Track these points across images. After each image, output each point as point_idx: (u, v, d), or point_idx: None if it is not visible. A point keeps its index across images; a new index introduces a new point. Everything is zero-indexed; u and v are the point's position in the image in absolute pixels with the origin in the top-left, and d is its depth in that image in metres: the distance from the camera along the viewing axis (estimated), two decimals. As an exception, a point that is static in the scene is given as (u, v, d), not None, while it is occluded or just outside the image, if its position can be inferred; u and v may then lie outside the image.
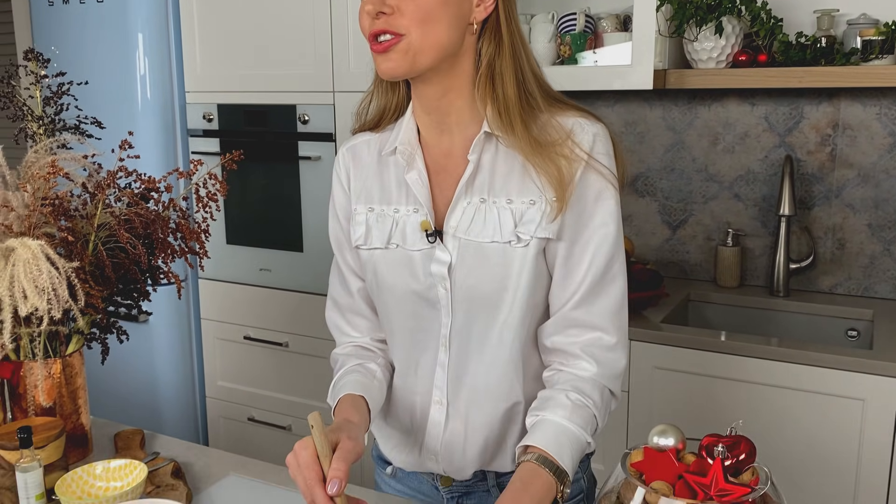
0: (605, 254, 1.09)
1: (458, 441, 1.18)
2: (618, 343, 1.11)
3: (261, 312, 2.76)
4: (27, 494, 1.23)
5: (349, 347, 1.27)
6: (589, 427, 1.06)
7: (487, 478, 1.23)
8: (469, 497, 1.25)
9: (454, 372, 1.16)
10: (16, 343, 1.38)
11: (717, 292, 2.43)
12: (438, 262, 1.11)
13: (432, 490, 1.29)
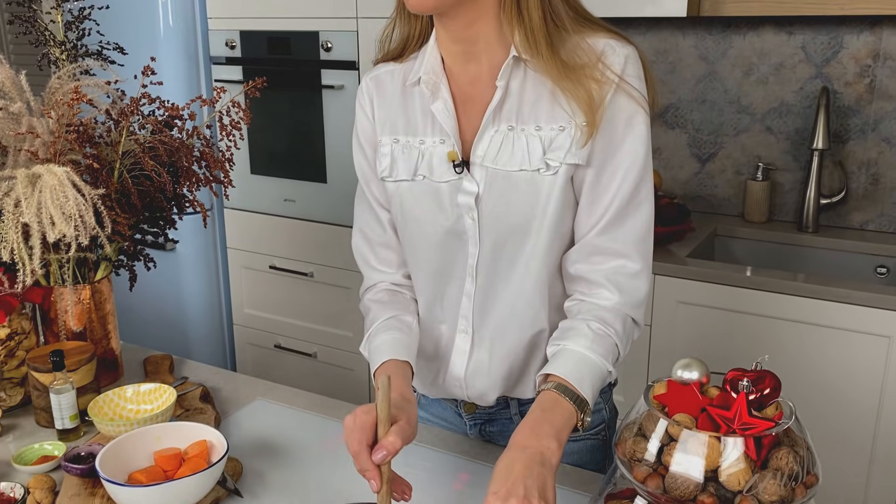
0: (633, 179, 1.06)
1: (483, 368, 1.18)
2: (641, 270, 1.09)
3: (286, 243, 2.78)
4: (61, 415, 1.27)
5: (382, 293, 1.24)
6: (610, 356, 1.05)
7: (510, 405, 1.24)
8: (492, 424, 1.27)
9: (480, 301, 1.16)
10: (45, 269, 1.40)
11: (745, 227, 2.40)
12: (465, 192, 1.10)
13: (455, 417, 1.31)
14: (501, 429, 1.27)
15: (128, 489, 1.03)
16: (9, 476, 1.18)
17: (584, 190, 1.08)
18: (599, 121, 1.03)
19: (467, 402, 1.26)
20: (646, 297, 1.11)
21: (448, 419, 1.32)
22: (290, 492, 1.15)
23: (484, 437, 1.29)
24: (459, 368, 1.20)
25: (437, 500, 1.12)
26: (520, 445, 0.91)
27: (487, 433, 1.29)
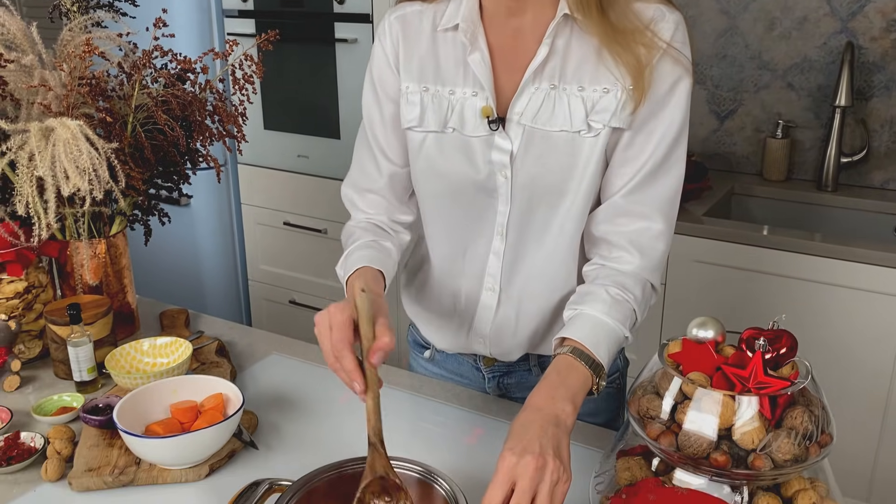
0: (668, 144, 1.05)
1: (509, 326, 1.18)
2: (664, 233, 1.08)
3: (299, 199, 2.77)
4: (79, 367, 1.28)
5: (365, 223, 1.22)
6: (628, 322, 1.05)
7: (529, 358, 1.24)
8: (510, 376, 1.27)
9: (510, 260, 1.14)
10: (61, 223, 1.40)
11: (763, 186, 2.37)
12: (500, 149, 1.07)
13: (472, 371, 1.30)
14: (519, 380, 1.27)
15: (145, 440, 1.04)
16: (29, 426, 1.20)
17: (616, 150, 1.06)
18: (647, 87, 1.01)
19: (487, 357, 1.26)
20: (664, 259, 1.11)
21: (465, 374, 1.32)
22: (305, 444, 1.16)
23: (501, 389, 1.30)
24: (485, 325, 1.20)
25: (451, 454, 1.13)
26: (535, 406, 0.92)
27: (505, 385, 1.29)
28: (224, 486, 1.06)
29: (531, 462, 0.83)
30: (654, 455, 0.92)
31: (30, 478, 1.08)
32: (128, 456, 1.09)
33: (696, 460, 0.84)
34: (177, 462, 1.06)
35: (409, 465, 0.93)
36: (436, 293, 1.24)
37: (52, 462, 1.07)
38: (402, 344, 1.44)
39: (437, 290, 1.24)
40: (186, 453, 1.05)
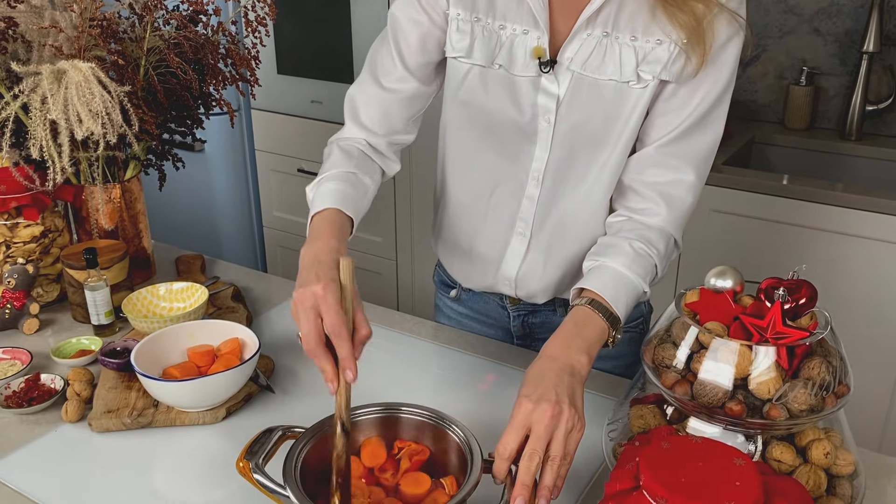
0: (712, 100, 1.03)
1: (537, 272, 1.18)
2: (694, 187, 1.07)
3: (314, 146, 2.75)
4: (97, 311, 1.29)
5: (352, 147, 1.14)
6: (648, 277, 1.04)
7: (556, 300, 1.23)
8: (534, 315, 1.27)
9: (543, 206, 1.13)
10: (75, 167, 1.40)
11: (784, 134, 2.32)
12: (546, 93, 1.04)
13: (498, 310, 1.29)
14: (544, 321, 1.27)
15: (163, 383, 1.05)
16: (49, 368, 1.22)
17: (658, 101, 1.04)
18: (702, 43, 0.98)
19: (513, 297, 1.25)
20: (690, 213, 1.09)
21: (490, 314, 1.32)
22: (321, 389, 1.17)
23: (526, 328, 1.30)
24: (512, 269, 1.19)
25: (463, 400, 1.14)
26: (551, 356, 0.91)
27: (529, 325, 1.29)
28: (241, 429, 1.08)
29: (547, 409, 0.83)
30: (667, 403, 0.92)
31: (50, 419, 1.10)
32: (146, 398, 1.11)
33: (710, 409, 0.84)
34: (194, 405, 1.08)
35: (423, 412, 0.93)
36: (461, 233, 1.22)
37: (72, 403, 1.09)
38: (429, 283, 1.44)
39: (462, 230, 1.22)
40: (203, 396, 1.07)
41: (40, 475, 0.99)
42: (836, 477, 0.86)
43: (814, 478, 0.83)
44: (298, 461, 0.85)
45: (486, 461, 0.85)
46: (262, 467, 0.85)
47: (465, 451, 0.88)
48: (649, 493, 0.70)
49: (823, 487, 0.84)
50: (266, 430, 0.90)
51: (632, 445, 0.83)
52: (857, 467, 0.88)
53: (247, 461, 0.85)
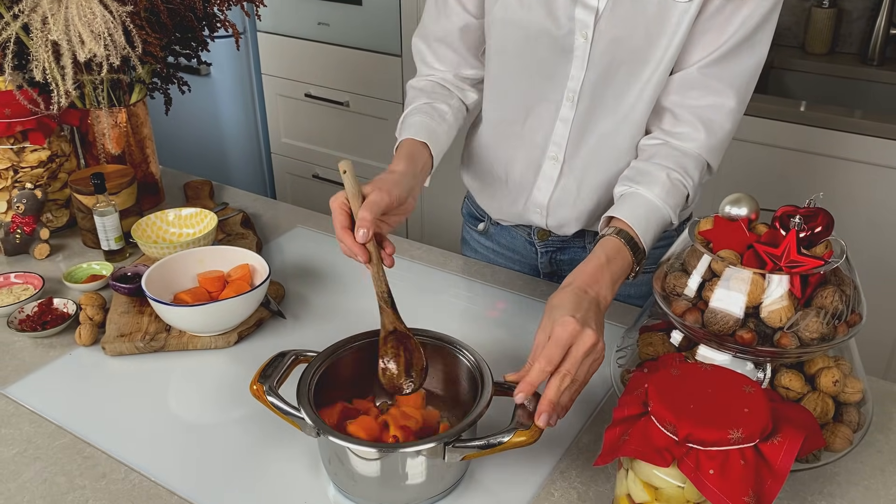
0: (758, 19, 0.97)
1: (569, 198, 1.15)
2: (735, 112, 1.02)
3: (321, 70, 2.70)
4: (106, 236, 1.30)
5: (424, 81, 1.18)
6: (679, 207, 1.02)
7: (585, 235, 1.21)
8: (563, 252, 1.25)
9: (578, 128, 1.09)
10: (80, 91, 1.38)
11: (804, 59, 2.26)
12: (585, 6, 0.99)
13: (525, 245, 1.28)
14: (572, 257, 1.24)
15: (174, 308, 1.06)
16: (61, 293, 1.23)
17: (701, 18, 0.98)
18: None
19: (542, 230, 1.23)
20: (728, 141, 1.05)
21: (517, 249, 1.30)
22: (331, 315, 1.18)
23: (553, 265, 1.28)
24: (544, 195, 1.16)
25: (472, 327, 1.15)
26: (582, 288, 0.89)
27: (557, 262, 1.27)
28: (253, 353, 1.09)
29: (591, 336, 0.82)
30: (677, 331, 0.92)
31: (64, 342, 1.12)
32: (158, 323, 1.12)
33: (720, 337, 0.83)
34: (205, 329, 1.09)
35: (434, 338, 0.94)
36: (493, 159, 1.20)
37: (85, 327, 1.10)
38: (456, 216, 1.42)
39: (494, 156, 1.19)
40: (214, 321, 1.07)
41: (57, 397, 1.01)
42: (843, 404, 0.87)
43: (821, 405, 0.84)
44: (312, 383, 0.86)
45: (497, 384, 0.86)
46: (276, 390, 0.86)
47: (475, 375, 0.88)
48: (657, 419, 0.71)
49: (831, 414, 0.84)
50: (279, 354, 0.91)
51: (640, 372, 0.83)
52: (865, 395, 0.88)
53: (260, 384, 0.86)
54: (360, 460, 0.81)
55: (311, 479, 0.88)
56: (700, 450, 0.68)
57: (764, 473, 0.68)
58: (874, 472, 0.88)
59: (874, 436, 0.93)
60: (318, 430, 0.81)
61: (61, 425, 0.96)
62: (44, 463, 0.91)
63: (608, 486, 0.87)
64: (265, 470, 0.89)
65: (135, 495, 0.86)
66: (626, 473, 0.74)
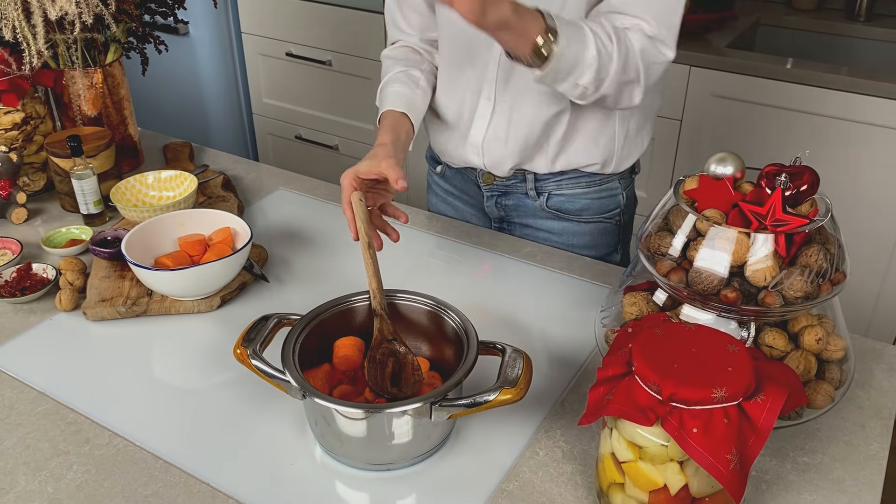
0: None
1: (500, 136, 1.19)
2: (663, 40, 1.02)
3: (302, 28, 2.65)
4: (85, 200, 1.27)
5: (398, 49, 1.26)
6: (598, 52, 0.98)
7: (526, 180, 1.24)
8: (507, 197, 1.28)
9: (505, 69, 1.13)
10: (53, 50, 1.34)
11: (791, 16, 2.24)
12: None
13: (474, 189, 1.31)
14: (517, 203, 1.28)
15: (155, 272, 1.05)
16: (40, 258, 1.21)
17: None
18: None
19: (486, 173, 1.26)
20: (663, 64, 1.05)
21: (469, 192, 1.34)
22: (315, 277, 1.17)
23: (500, 209, 1.30)
24: (479, 134, 1.20)
25: (457, 287, 1.15)
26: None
27: (503, 206, 1.30)
28: (236, 317, 1.08)
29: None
30: (662, 291, 0.92)
31: (45, 307, 1.10)
32: (139, 287, 1.11)
33: (705, 297, 0.83)
34: (187, 294, 1.08)
35: (421, 299, 0.93)
36: (442, 104, 1.24)
37: (66, 292, 1.09)
38: (421, 161, 1.44)
39: (443, 101, 1.23)
40: (196, 285, 1.06)
41: (39, 363, 1.00)
42: (826, 362, 0.87)
43: (804, 363, 0.84)
44: (296, 346, 0.86)
45: (482, 343, 0.86)
46: (260, 353, 0.85)
47: (461, 335, 0.88)
48: (641, 378, 0.71)
49: (813, 372, 0.85)
50: (262, 318, 0.90)
51: (624, 332, 0.83)
52: (848, 352, 0.89)
53: (244, 348, 0.86)
54: (346, 421, 0.81)
55: (297, 441, 0.88)
56: (684, 409, 0.68)
57: (747, 431, 0.68)
58: (855, 427, 0.89)
59: (855, 392, 0.94)
60: (303, 393, 0.80)
61: (43, 391, 0.95)
62: (26, 429, 0.90)
63: (592, 444, 0.87)
64: (251, 433, 0.89)
65: (119, 460, 0.86)
66: (610, 432, 0.75)
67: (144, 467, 0.85)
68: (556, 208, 1.25)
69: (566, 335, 1.05)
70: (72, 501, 0.81)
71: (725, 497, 0.72)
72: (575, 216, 1.26)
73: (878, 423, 0.90)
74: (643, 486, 0.73)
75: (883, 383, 0.96)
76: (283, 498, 0.81)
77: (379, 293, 0.92)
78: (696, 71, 1.97)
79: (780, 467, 0.84)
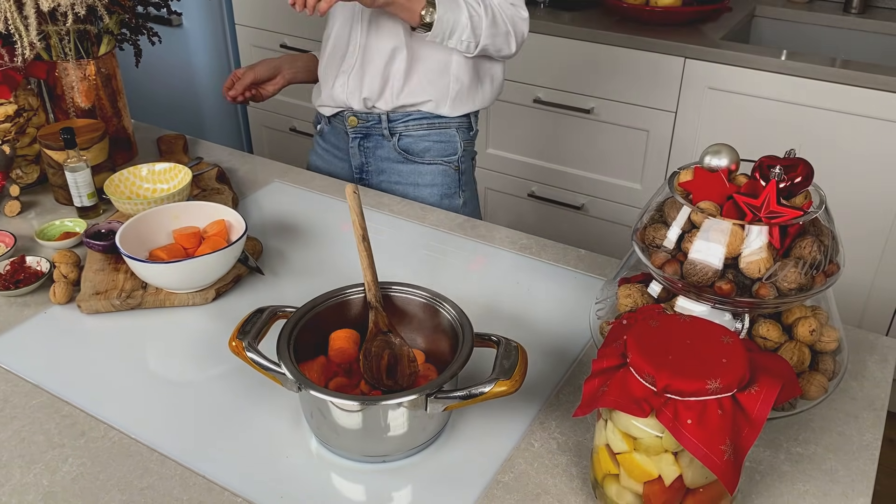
0: None
1: (357, 74, 1.39)
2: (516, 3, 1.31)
3: (295, 21, 2.64)
4: (79, 193, 1.27)
5: None
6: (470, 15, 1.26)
7: (381, 121, 1.43)
8: (368, 140, 1.46)
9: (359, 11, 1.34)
10: (46, 42, 1.33)
11: (786, 8, 2.24)
12: None
13: (343, 138, 1.49)
14: (375, 145, 1.46)
15: (150, 265, 1.04)
16: (34, 251, 1.20)
17: None
18: None
19: (350, 115, 1.44)
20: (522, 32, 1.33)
21: (340, 146, 1.51)
22: (309, 270, 1.17)
23: (361, 153, 1.47)
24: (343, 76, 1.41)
25: (451, 279, 1.15)
26: None
27: (365, 149, 1.47)
28: (231, 309, 1.08)
29: None
30: (657, 283, 0.92)
31: (39, 300, 1.10)
32: (134, 280, 1.10)
33: (699, 288, 0.84)
34: (182, 286, 1.07)
35: (416, 291, 0.93)
36: (324, 60, 1.45)
37: (60, 285, 1.09)
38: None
39: (326, 56, 1.44)
40: (191, 278, 1.06)
41: (33, 356, 1.00)
42: (819, 353, 0.88)
43: (798, 354, 0.84)
44: (292, 339, 0.86)
45: (478, 336, 0.86)
46: (255, 346, 0.85)
47: (456, 327, 0.88)
48: (636, 370, 0.71)
49: (807, 363, 0.86)
50: (257, 310, 0.90)
51: (619, 323, 0.84)
52: (841, 343, 0.89)
53: (239, 340, 0.85)
54: (341, 413, 0.81)
55: (293, 434, 0.88)
56: (678, 400, 0.68)
57: (741, 422, 0.69)
58: (848, 418, 0.90)
59: (848, 383, 0.95)
60: (299, 385, 0.80)
61: (38, 384, 0.95)
62: (21, 422, 0.90)
63: (587, 436, 0.88)
64: (246, 425, 0.89)
65: (115, 453, 0.86)
66: (605, 424, 0.75)
67: (140, 460, 0.85)
68: (405, 149, 1.44)
69: (561, 327, 1.05)
70: (67, 494, 0.81)
71: (719, 488, 0.73)
72: (419, 157, 1.45)
73: (870, 414, 0.90)
74: (638, 478, 0.73)
75: (876, 374, 0.96)
76: (278, 490, 0.82)
77: (374, 285, 0.92)
78: (690, 63, 1.97)
79: (774, 458, 0.85)
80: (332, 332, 0.92)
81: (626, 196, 2.20)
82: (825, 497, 0.81)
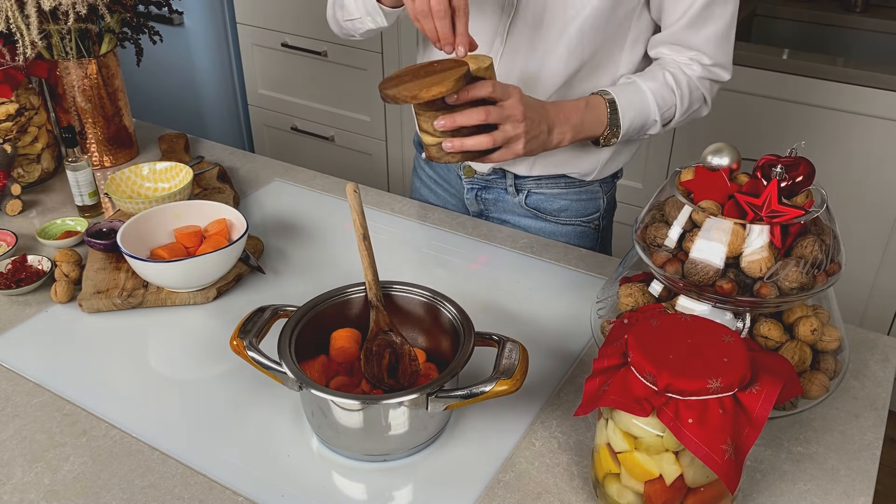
0: None
1: None
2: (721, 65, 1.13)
3: (297, 18, 2.64)
4: (80, 192, 1.27)
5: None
6: (662, 110, 1.10)
7: (506, 177, 1.25)
8: (488, 191, 1.29)
9: (504, 65, 1.13)
10: (47, 41, 1.33)
11: (787, 6, 2.24)
12: None
13: (456, 179, 1.32)
14: (496, 198, 1.29)
15: (151, 264, 1.04)
16: (35, 250, 1.21)
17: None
18: None
19: (466, 166, 1.28)
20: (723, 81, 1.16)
21: (451, 182, 1.35)
22: (311, 269, 1.17)
23: (479, 203, 1.32)
24: None
25: (452, 278, 1.15)
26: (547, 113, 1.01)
27: (483, 200, 1.31)
28: (233, 309, 1.08)
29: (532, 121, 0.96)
30: (658, 282, 0.92)
31: (40, 299, 1.10)
32: (135, 279, 1.11)
33: (701, 287, 0.84)
34: (183, 285, 1.07)
35: (417, 290, 0.93)
36: None
37: (61, 284, 1.09)
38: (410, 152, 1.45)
39: None
40: (192, 277, 1.06)
41: (35, 355, 1.00)
42: (821, 352, 0.88)
43: (799, 353, 0.84)
44: (293, 338, 0.86)
45: (478, 335, 0.86)
46: (257, 345, 0.85)
47: (457, 326, 0.88)
48: (637, 369, 0.71)
49: (808, 363, 0.85)
50: (258, 309, 0.90)
51: (620, 323, 0.84)
52: (842, 343, 0.89)
53: (241, 339, 0.86)
54: (342, 412, 0.81)
55: (294, 432, 0.88)
56: (679, 399, 0.68)
57: (742, 422, 0.69)
58: (849, 417, 0.90)
59: (849, 383, 0.94)
60: (300, 384, 0.81)
61: (39, 383, 0.95)
62: (23, 421, 0.90)
63: (588, 435, 0.88)
64: (248, 424, 0.89)
65: (116, 452, 0.86)
66: (606, 423, 0.75)
67: (141, 459, 0.85)
68: (535, 207, 1.26)
69: (562, 326, 1.05)
70: (68, 493, 0.81)
71: (720, 487, 0.73)
72: (553, 216, 1.27)
73: (872, 414, 0.90)
74: (639, 477, 0.73)
75: (877, 373, 0.96)
76: (279, 489, 0.82)
77: (375, 284, 0.92)
78: (692, 62, 1.96)
79: (775, 457, 0.85)
80: (333, 331, 0.92)
81: (627, 195, 2.20)
82: (826, 496, 0.80)
